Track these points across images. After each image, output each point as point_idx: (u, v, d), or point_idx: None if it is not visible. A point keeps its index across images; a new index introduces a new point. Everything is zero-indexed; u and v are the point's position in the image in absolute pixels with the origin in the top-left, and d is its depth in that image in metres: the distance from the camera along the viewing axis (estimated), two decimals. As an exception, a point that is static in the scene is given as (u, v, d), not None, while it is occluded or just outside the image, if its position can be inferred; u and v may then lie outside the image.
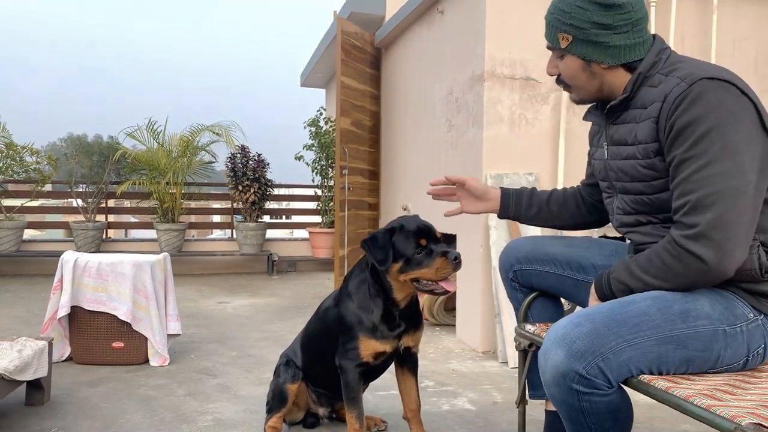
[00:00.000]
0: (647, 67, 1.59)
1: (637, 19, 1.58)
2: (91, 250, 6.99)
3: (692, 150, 1.43)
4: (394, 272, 2.05)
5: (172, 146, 7.65)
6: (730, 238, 1.39)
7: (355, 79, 5.79)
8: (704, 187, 1.41)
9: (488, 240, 3.73)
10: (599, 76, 1.65)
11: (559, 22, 1.63)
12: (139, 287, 3.34)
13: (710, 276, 1.43)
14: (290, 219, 11.30)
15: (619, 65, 1.62)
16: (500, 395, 2.96)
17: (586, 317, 1.45)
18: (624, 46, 1.59)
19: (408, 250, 2.02)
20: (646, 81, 1.59)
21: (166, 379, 3.15)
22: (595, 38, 1.59)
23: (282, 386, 2.35)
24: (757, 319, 1.49)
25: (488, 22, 3.81)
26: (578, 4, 1.59)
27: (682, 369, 1.45)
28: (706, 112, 1.42)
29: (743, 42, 4.18)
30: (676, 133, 1.46)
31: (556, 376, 1.42)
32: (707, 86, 1.44)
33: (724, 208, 1.39)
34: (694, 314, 1.44)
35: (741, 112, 1.43)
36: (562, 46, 1.65)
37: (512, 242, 2.08)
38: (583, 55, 1.62)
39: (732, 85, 1.44)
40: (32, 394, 2.71)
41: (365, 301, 2.13)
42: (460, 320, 4.15)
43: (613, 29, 1.57)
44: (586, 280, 1.89)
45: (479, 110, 3.87)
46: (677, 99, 1.46)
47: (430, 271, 2.00)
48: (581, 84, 1.69)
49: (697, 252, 1.41)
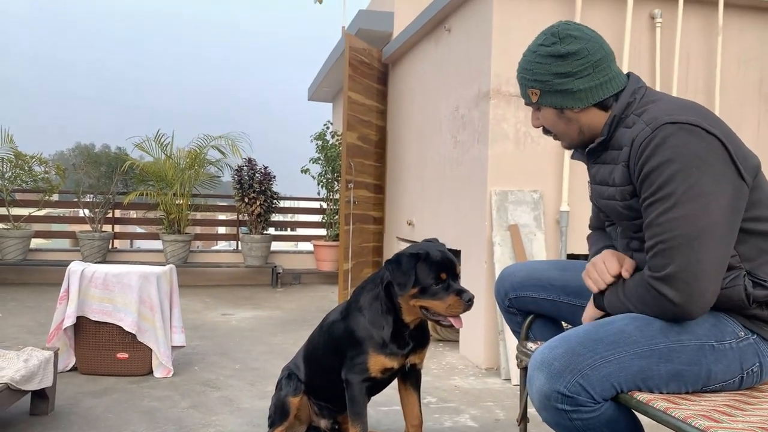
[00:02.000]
0: (621, 108, 1.63)
1: (596, 61, 1.62)
2: (97, 260, 7.03)
3: (658, 193, 1.46)
4: (407, 296, 2.08)
5: (179, 158, 7.71)
6: (698, 279, 1.42)
7: (362, 95, 5.84)
8: (670, 230, 1.44)
9: (492, 257, 3.75)
10: (575, 120, 1.69)
11: (525, 80, 1.71)
12: (145, 298, 3.37)
13: (683, 316, 1.46)
14: (295, 231, 11.34)
15: (590, 106, 1.66)
16: (503, 412, 2.96)
17: (561, 339, 1.51)
18: (588, 88, 1.63)
19: (428, 281, 2.05)
20: (621, 122, 1.63)
21: (169, 390, 3.17)
22: (559, 87, 1.65)
23: (284, 399, 2.36)
24: (749, 337, 1.51)
25: (494, 41, 3.85)
26: (537, 60, 1.66)
27: (674, 385, 1.46)
28: (670, 156, 1.45)
29: (748, 62, 4.21)
30: (643, 177, 1.50)
31: (542, 399, 1.47)
32: (670, 131, 1.46)
33: (690, 251, 1.42)
34: (677, 329, 1.47)
35: (706, 153, 1.45)
36: (533, 100, 1.72)
37: (506, 269, 2.10)
38: (553, 104, 1.68)
39: (696, 127, 1.46)
40: (37, 404, 2.72)
41: (377, 317, 2.16)
42: (464, 336, 4.15)
43: (573, 75, 1.63)
44: (582, 305, 1.88)
45: (485, 127, 3.90)
46: (642, 144, 1.50)
47: (442, 305, 2.04)
48: (562, 131, 1.75)
49: (667, 294, 1.45)
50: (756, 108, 4.22)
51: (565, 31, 1.64)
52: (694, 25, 4.12)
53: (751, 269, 1.51)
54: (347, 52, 5.55)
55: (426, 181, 5.08)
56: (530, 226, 3.79)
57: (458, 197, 4.33)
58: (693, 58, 4.11)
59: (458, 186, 4.35)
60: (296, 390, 2.37)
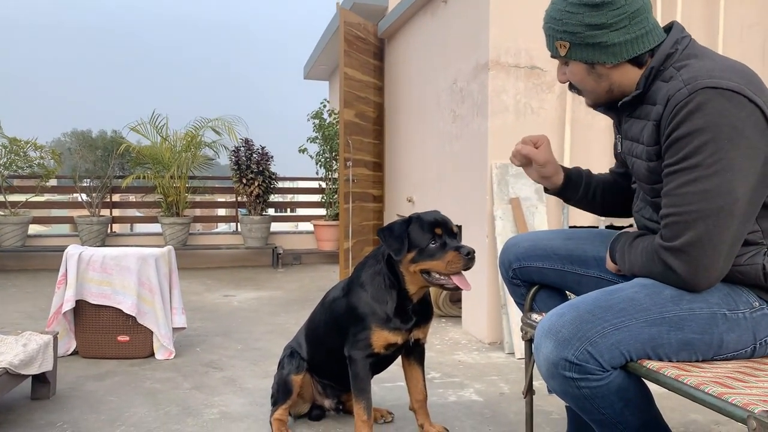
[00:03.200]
0: (661, 60, 1.51)
1: (633, 11, 1.50)
2: (96, 245, 6.99)
3: (683, 162, 1.40)
4: (406, 262, 2.04)
5: (176, 140, 7.65)
6: (707, 255, 1.38)
7: (359, 71, 5.76)
8: (688, 203, 1.39)
9: (494, 231, 3.71)
10: (606, 77, 1.59)
11: (553, 31, 1.59)
12: (144, 281, 3.34)
13: (686, 288, 1.43)
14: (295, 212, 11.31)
15: (624, 62, 1.55)
16: (507, 386, 2.95)
17: (570, 307, 1.47)
18: (624, 42, 1.52)
19: (422, 241, 2.01)
20: (659, 75, 1.53)
21: (171, 372, 3.15)
22: (591, 40, 1.53)
23: (287, 378, 2.34)
24: (763, 308, 1.47)
25: (492, 11, 3.77)
26: (568, 9, 1.54)
27: (685, 354, 1.43)
28: (704, 125, 1.36)
29: (750, 29, 4.14)
30: (671, 142, 1.42)
31: (549, 367, 1.43)
32: (709, 96, 1.37)
33: (704, 227, 1.37)
34: (689, 297, 1.43)
35: (743, 123, 1.36)
36: (561, 54, 1.60)
37: (510, 240, 2.04)
38: (584, 59, 1.57)
39: (737, 94, 1.37)
40: (38, 389, 2.70)
41: (380, 292, 2.12)
42: (467, 311, 4.13)
43: (608, 27, 1.51)
44: (588, 274, 1.86)
45: (484, 100, 3.84)
46: (677, 107, 1.40)
47: (441, 264, 1.99)
48: (590, 88, 1.64)
49: (672, 265, 1.42)
50: (760, 74, 4.13)
51: None
52: (695, -9, 4.04)
53: None
54: (342, 27, 5.47)
55: (425, 157, 5.02)
56: (532, 199, 3.74)
57: (458, 172, 4.28)
58: (695, 23, 4.03)
59: (458, 161, 4.30)
60: (299, 368, 2.35)
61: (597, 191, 1.92)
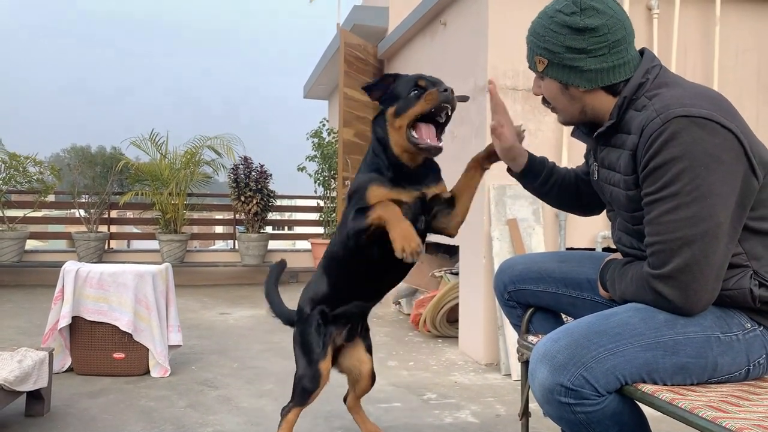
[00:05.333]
0: (633, 89, 1.53)
1: (614, 41, 1.52)
2: (93, 261, 6.99)
3: (663, 191, 1.41)
4: (390, 118, 1.99)
5: (175, 158, 7.67)
6: (696, 280, 1.39)
7: (358, 91, 5.79)
8: (672, 231, 1.39)
9: (491, 251, 3.72)
10: (579, 99, 1.61)
11: (534, 45, 1.61)
12: (141, 298, 3.33)
13: (679, 313, 1.44)
14: (292, 230, 11.30)
15: (598, 88, 1.57)
16: (503, 408, 2.94)
17: (564, 332, 1.47)
18: (600, 69, 1.54)
19: (404, 91, 1.97)
20: (632, 104, 1.54)
21: (167, 390, 3.14)
22: (569, 63, 1.55)
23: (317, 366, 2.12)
24: (755, 329, 1.47)
25: (491, 34, 3.82)
26: (552, 28, 1.55)
27: (679, 377, 1.44)
28: (679, 153, 1.37)
29: (746, 53, 4.18)
30: (648, 171, 1.43)
31: (544, 392, 1.43)
32: (682, 125, 1.38)
33: (690, 253, 1.38)
34: (683, 322, 1.44)
35: (718, 149, 1.38)
36: (539, 69, 1.63)
37: (505, 262, 2.05)
38: (559, 78, 1.59)
39: (710, 121, 1.38)
40: (32, 405, 2.69)
41: (375, 164, 2.03)
42: (463, 332, 4.12)
43: (587, 53, 1.53)
44: (582, 297, 1.86)
45: (482, 121, 3.87)
46: (652, 136, 1.41)
47: (421, 104, 1.91)
48: (562, 107, 1.66)
49: (663, 292, 1.42)
50: (755, 99, 4.19)
51: (588, 2, 1.53)
52: (691, 16, 4.09)
53: (759, 269, 1.46)
54: (342, 48, 5.52)
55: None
56: (529, 220, 3.76)
57: (456, 192, 4.30)
58: (690, 49, 4.08)
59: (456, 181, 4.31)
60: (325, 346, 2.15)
61: (555, 185, 1.94)
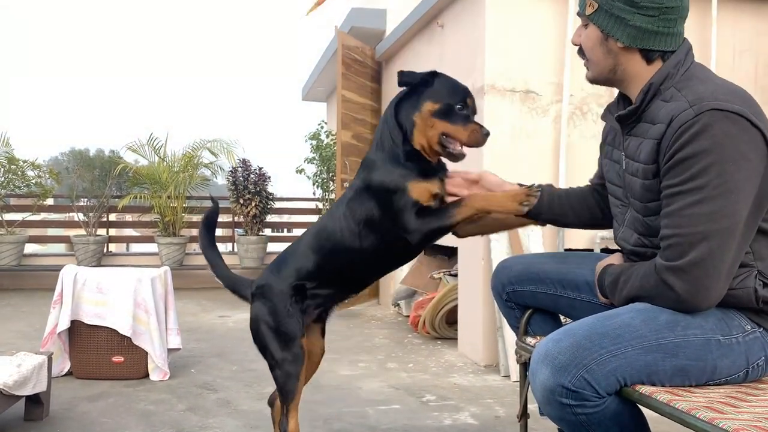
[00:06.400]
0: (661, 78, 1.52)
1: (667, 8, 1.51)
2: (92, 264, 6.99)
3: (688, 183, 1.39)
4: (426, 113, 1.84)
5: (174, 161, 7.68)
6: (709, 276, 1.38)
7: (356, 93, 5.81)
8: (693, 225, 1.38)
9: (489, 254, 3.72)
10: (614, 55, 1.58)
11: None
12: (140, 301, 3.33)
13: (683, 308, 1.43)
14: (291, 232, 11.31)
15: (635, 50, 1.56)
16: (502, 409, 2.94)
17: (566, 332, 1.46)
18: (644, 29, 1.52)
19: (452, 99, 1.85)
20: (658, 93, 1.53)
21: (166, 393, 3.14)
22: (617, 12, 1.53)
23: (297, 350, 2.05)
24: (755, 331, 1.47)
25: (488, 36, 3.82)
26: None
27: (678, 379, 1.44)
28: (709, 147, 1.36)
29: (743, 53, 4.20)
30: (675, 162, 1.42)
31: (545, 393, 1.43)
32: (715, 118, 1.37)
33: (708, 248, 1.37)
34: (683, 324, 1.43)
35: (747, 146, 1.37)
36: (587, 12, 1.60)
37: (502, 263, 2.03)
38: (602, 26, 1.57)
39: (742, 118, 1.37)
40: (31, 409, 2.69)
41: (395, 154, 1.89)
42: (462, 333, 4.13)
43: (637, 8, 1.51)
44: (580, 299, 1.86)
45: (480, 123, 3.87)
46: (682, 127, 1.39)
47: (464, 132, 1.85)
48: (596, 59, 1.62)
49: (674, 285, 1.41)
50: (751, 99, 4.20)
51: None
52: (688, 17, 4.09)
53: (764, 269, 1.46)
54: (340, 50, 5.53)
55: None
56: (527, 222, 3.76)
57: (454, 194, 4.30)
58: (687, 50, 4.09)
59: (454, 183, 4.32)
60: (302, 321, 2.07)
61: (564, 205, 1.89)
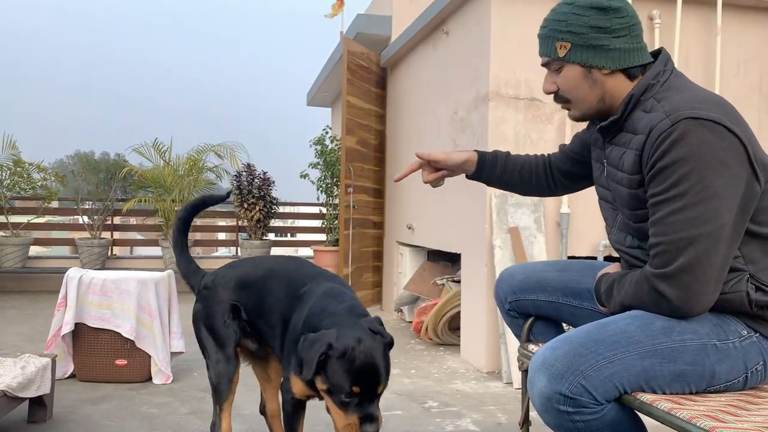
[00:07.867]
0: (641, 89, 1.56)
1: (633, 24, 1.57)
2: (96, 267, 7.01)
3: (670, 191, 1.42)
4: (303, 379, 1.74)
5: (178, 165, 7.71)
6: (698, 280, 1.40)
7: (361, 99, 5.83)
8: (678, 231, 1.41)
9: (493, 260, 3.73)
10: (600, 84, 1.60)
11: (555, 32, 1.61)
12: (144, 305, 3.35)
13: (677, 314, 1.45)
14: (295, 237, 11.32)
15: (619, 72, 1.59)
16: (505, 416, 2.94)
17: (563, 340, 1.48)
18: (624, 49, 1.56)
19: (337, 384, 1.65)
20: (639, 104, 1.56)
21: (168, 397, 3.14)
22: (595, 42, 1.56)
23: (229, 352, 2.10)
24: (752, 336, 1.48)
25: (493, 43, 3.84)
26: (574, 11, 1.58)
27: (678, 385, 1.44)
28: (687, 154, 1.40)
29: (748, 63, 4.20)
30: (656, 171, 1.45)
31: (543, 401, 1.44)
32: (691, 126, 1.41)
33: (694, 253, 1.39)
34: (679, 329, 1.45)
35: (725, 152, 1.40)
36: (560, 55, 1.61)
37: (504, 272, 2.06)
38: (583, 60, 1.59)
39: (718, 125, 1.41)
40: (35, 412, 2.70)
41: None
42: (465, 340, 4.13)
43: (611, 32, 1.56)
44: (582, 306, 1.87)
45: (484, 130, 3.89)
46: (660, 137, 1.43)
47: (340, 420, 1.67)
48: (582, 95, 1.64)
49: (664, 292, 1.43)
50: (756, 109, 4.20)
51: None
52: (692, 26, 4.11)
53: (755, 272, 1.48)
54: (345, 56, 5.55)
55: (426, 185, 5.03)
56: (531, 229, 3.77)
57: (458, 200, 4.31)
58: (692, 59, 4.10)
59: (458, 189, 4.33)
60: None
61: (514, 173, 2.03)
